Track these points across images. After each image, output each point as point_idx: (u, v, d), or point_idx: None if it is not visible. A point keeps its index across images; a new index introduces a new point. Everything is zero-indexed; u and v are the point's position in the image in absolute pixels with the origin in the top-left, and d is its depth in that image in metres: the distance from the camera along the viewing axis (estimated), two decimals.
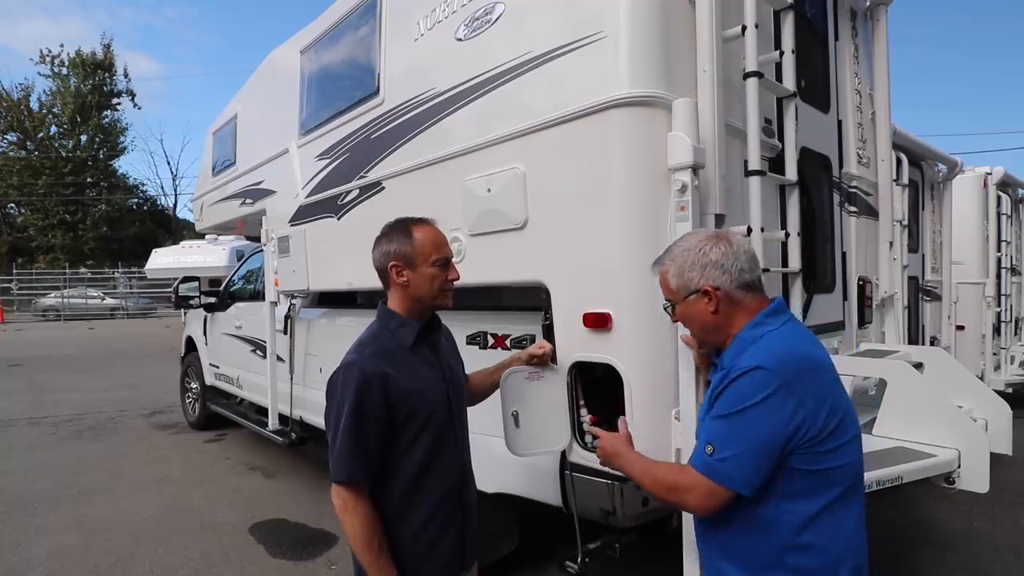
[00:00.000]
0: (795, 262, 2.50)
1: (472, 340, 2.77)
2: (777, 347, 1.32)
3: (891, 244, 3.43)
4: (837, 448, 1.29)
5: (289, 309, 4.48)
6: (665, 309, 1.55)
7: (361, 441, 1.50)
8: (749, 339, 1.37)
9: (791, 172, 2.45)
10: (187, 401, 6.96)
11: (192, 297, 6.40)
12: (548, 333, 2.31)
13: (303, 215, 3.97)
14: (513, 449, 2.01)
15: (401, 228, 1.68)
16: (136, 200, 37.48)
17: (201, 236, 11.92)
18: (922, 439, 2.29)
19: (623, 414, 2.06)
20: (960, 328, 5.51)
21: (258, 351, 4.98)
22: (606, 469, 2.11)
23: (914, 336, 4.53)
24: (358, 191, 3.35)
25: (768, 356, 1.29)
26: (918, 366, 2.72)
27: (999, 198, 6.38)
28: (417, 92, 2.87)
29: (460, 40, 2.61)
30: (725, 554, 1.39)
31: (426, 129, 2.83)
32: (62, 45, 46.35)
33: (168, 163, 65.89)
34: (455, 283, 1.71)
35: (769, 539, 1.31)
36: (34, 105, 34.03)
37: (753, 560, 1.34)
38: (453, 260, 1.72)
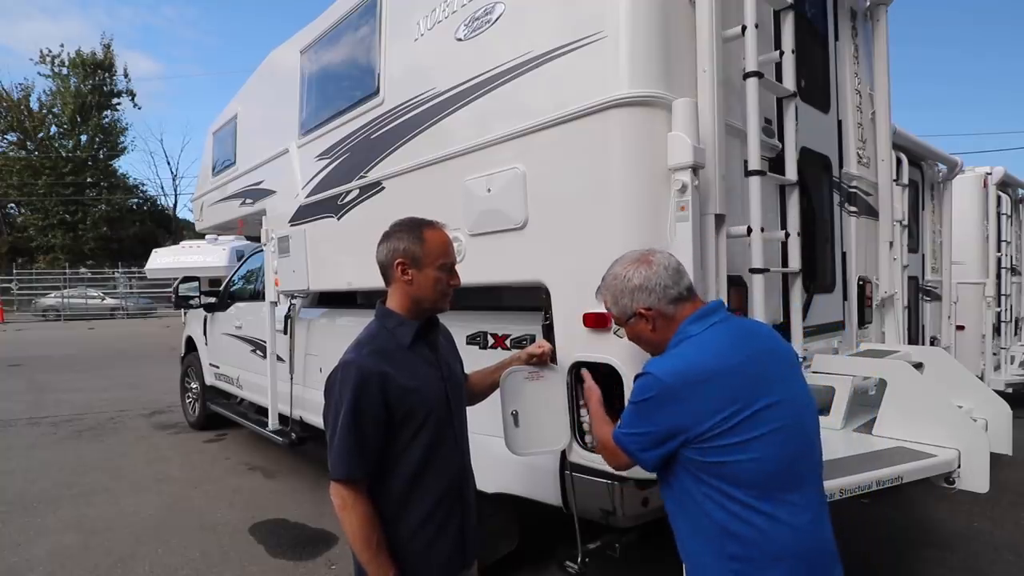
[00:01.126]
0: (795, 262, 2.50)
1: (472, 340, 2.77)
2: (677, 360, 1.47)
3: (891, 244, 3.44)
4: (736, 444, 1.36)
5: (289, 309, 4.48)
6: (615, 333, 1.71)
7: (359, 439, 1.51)
8: (673, 345, 1.53)
9: (791, 172, 2.45)
10: (187, 401, 6.95)
11: (192, 297, 6.39)
12: (548, 333, 2.31)
13: (303, 215, 3.97)
14: (513, 449, 2.01)
15: (413, 228, 1.68)
16: (136, 200, 37.49)
17: (201, 236, 11.92)
18: (922, 439, 2.30)
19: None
20: (960, 328, 5.51)
21: (258, 351, 4.98)
22: (606, 469, 2.12)
23: (914, 336, 4.53)
24: (358, 191, 3.35)
25: (660, 366, 1.46)
26: (918, 366, 2.73)
27: (999, 198, 6.39)
28: (417, 92, 2.87)
29: (460, 40, 2.62)
30: (688, 533, 1.52)
31: (426, 129, 2.83)
32: (62, 45, 46.46)
33: (168, 163, 65.99)
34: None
35: (708, 522, 1.41)
36: (34, 105, 34.06)
37: (705, 541, 1.44)
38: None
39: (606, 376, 2.11)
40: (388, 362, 1.58)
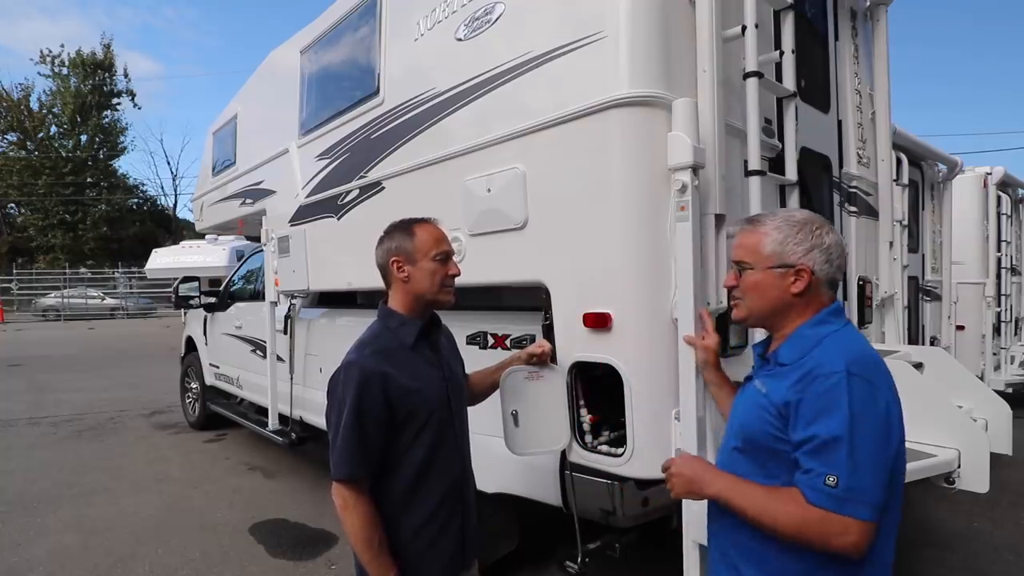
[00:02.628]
0: None
1: (472, 340, 2.77)
2: (862, 347, 1.25)
3: (891, 244, 3.43)
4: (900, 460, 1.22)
5: (289, 309, 4.48)
6: (737, 270, 1.40)
7: (362, 440, 1.51)
8: (812, 337, 1.28)
9: (791, 172, 2.45)
10: (187, 401, 6.95)
11: (192, 297, 6.40)
12: (548, 333, 2.31)
13: (303, 215, 3.97)
14: (513, 449, 2.01)
15: (403, 226, 1.72)
16: (136, 200, 37.51)
17: (201, 236, 11.93)
18: (922, 439, 2.29)
19: (623, 414, 2.07)
20: (960, 328, 5.51)
21: (258, 351, 4.98)
22: (606, 469, 2.13)
23: (914, 336, 4.53)
24: (358, 191, 3.35)
25: (851, 356, 1.20)
26: (918, 366, 2.72)
27: (999, 198, 6.39)
28: (417, 92, 2.87)
29: (460, 40, 2.61)
30: (746, 558, 1.29)
31: (426, 129, 2.83)
32: (62, 45, 46.53)
33: (168, 163, 66.00)
34: (455, 280, 1.73)
35: (802, 551, 1.18)
36: (34, 105, 34.08)
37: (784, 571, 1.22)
38: (453, 258, 1.74)
39: (606, 376, 2.12)
40: (390, 362, 1.58)
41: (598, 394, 2.21)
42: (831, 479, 1.12)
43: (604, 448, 2.16)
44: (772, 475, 1.25)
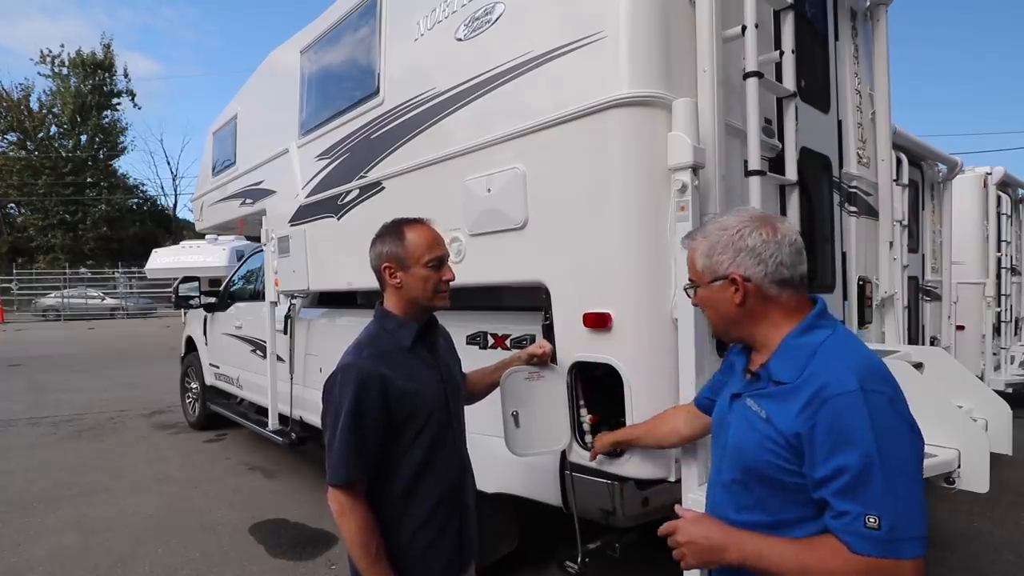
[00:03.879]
0: None
1: (472, 340, 2.77)
2: (857, 357, 1.13)
3: (891, 244, 3.43)
4: None
5: (289, 309, 4.48)
6: (686, 290, 1.35)
7: (359, 444, 1.49)
8: (805, 348, 1.16)
9: (791, 172, 2.45)
10: (187, 401, 6.95)
11: (192, 297, 6.40)
12: (548, 333, 2.31)
13: (303, 215, 3.97)
14: (513, 449, 2.01)
15: (393, 229, 1.67)
16: (136, 200, 37.52)
17: (201, 236, 11.93)
18: None
19: (623, 414, 2.06)
20: (960, 328, 5.50)
21: (258, 351, 4.98)
22: (606, 469, 2.13)
23: (914, 336, 4.53)
24: (358, 191, 3.35)
25: (879, 368, 1.12)
26: (918, 366, 2.72)
27: (999, 198, 6.39)
28: (417, 92, 2.87)
29: (460, 40, 2.61)
30: None
31: (426, 129, 2.83)
32: (62, 45, 46.54)
33: (168, 163, 66.03)
34: (451, 283, 1.70)
35: None
36: (34, 105, 34.08)
37: None
38: (452, 261, 1.71)
39: (606, 376, 2.12)
40: (388, 365, 1.56)
41: (598, 394, 2.21)
42: (871, 520, 1.00)
43: None
44: (781, 510, 1.15)
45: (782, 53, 2.41)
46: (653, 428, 1.87)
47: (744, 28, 2.12)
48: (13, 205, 33.98)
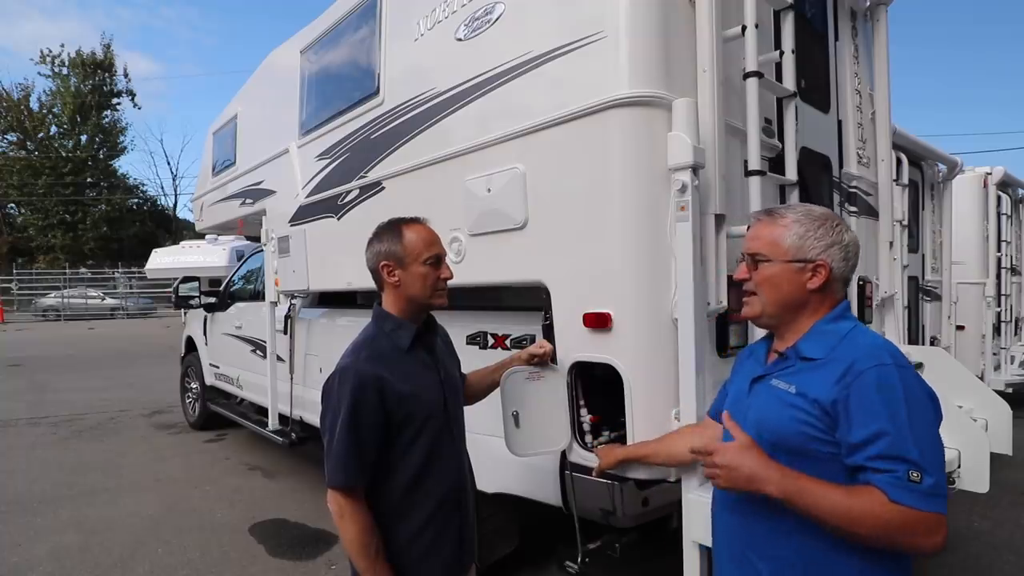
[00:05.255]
0: None
1: (472, 340, 2.77)
2: (883, 341, 1.25)
3: (891, 244, 3.43)
4: None
5: (289, 309, 4.48)
6: (742, 259, 1.37)
7: (357, 446, 1.48)
8: (836, 332, 1.26)
9: (791, 172, 2.44)
10: (187, 401, 6.95)
11: (192, 297, 6.41)
12: (548, 333, 2.31)
13: (303, 215, 3.97)
14: (513, 449, 2.01)
15: (391, 228, 1.67)
16: (136, 200, 37.54)
17: (201, 236, 11.90)
18: None
19: (623, 415, 2.06)
20: (960, 328, 5.51)
21: (258, 351, 4.98)
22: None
23: (914, 336, 4.53)
24: (358, 191, 3.35)
25: (890, 349, 1.20)
26: (918, 366, 2.72)
27: (999, 198, 6.39)
28: (417, 92, 2.87)
29: (460, 40, 2.61)
30: (766, 557, 1.26)
31: (426, 129, 2.83)
32: (62, 45, 46.45)
33: (168, 163, 66.21)
34: (449, 282, 1.70)
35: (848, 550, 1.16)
36: (34, 105, 34.12)
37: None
38: (452, 260, 1.71)
39: (606, 376, 2.12)
40: (386, 366, 1.55)
41: (598, 394, 2.21)
42: (915, 475, 1.10)
43: None
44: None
45: (782, 53, 2.41)
46: (666, 446, 1.83)
47: (744, 28, 2.12)
48: (13, 205, 33.99)
